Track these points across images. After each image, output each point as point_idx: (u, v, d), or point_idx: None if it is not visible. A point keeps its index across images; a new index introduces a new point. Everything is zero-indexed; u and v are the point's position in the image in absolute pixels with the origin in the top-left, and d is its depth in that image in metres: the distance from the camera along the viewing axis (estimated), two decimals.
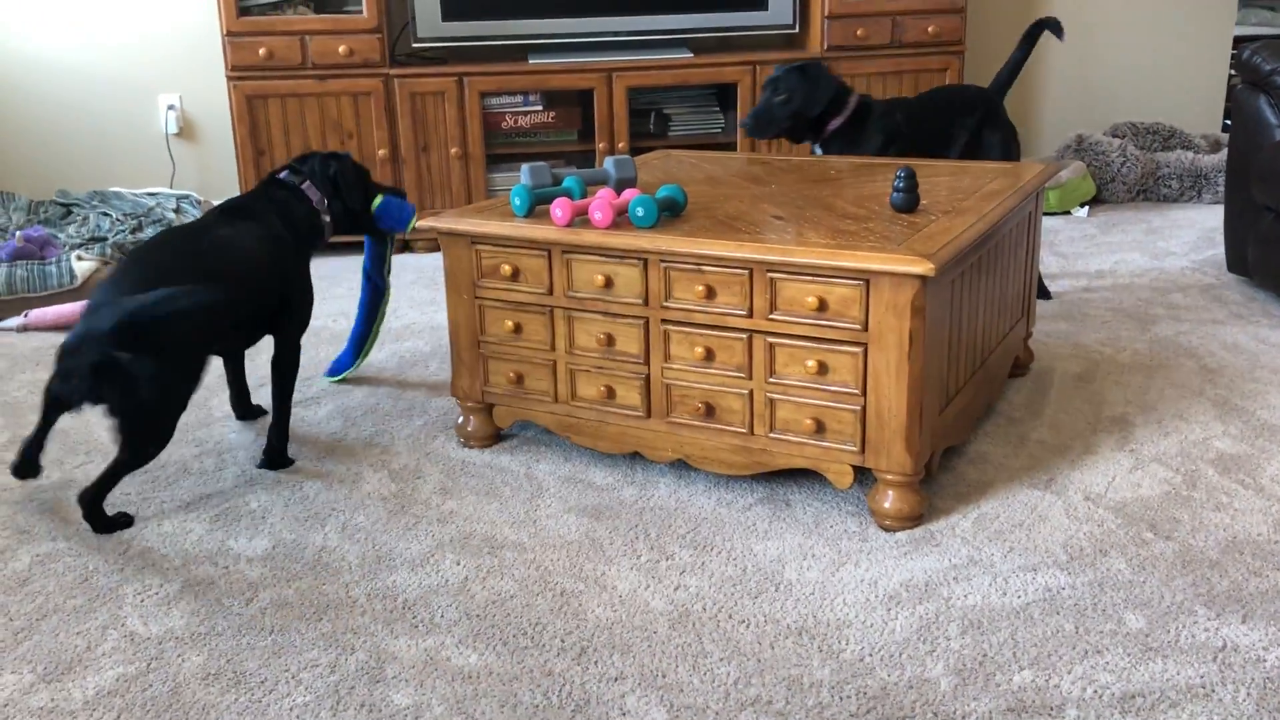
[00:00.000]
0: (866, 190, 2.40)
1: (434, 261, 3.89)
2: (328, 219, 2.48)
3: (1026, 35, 3.28)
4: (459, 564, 1.93)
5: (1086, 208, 4.35)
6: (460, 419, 2.41)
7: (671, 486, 2.19)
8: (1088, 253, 3.81)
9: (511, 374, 2.30)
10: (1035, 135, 4.89)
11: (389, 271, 2.73)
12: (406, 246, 4.07)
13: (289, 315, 2.35)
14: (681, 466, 2.25)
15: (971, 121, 3.14)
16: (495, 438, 2.41)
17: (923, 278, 1.86)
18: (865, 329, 1.93)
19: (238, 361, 2.54)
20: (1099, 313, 3.17)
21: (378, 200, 2.57)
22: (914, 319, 1.89)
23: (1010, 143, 3.19)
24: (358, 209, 2.53)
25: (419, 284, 3.63)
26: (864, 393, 1.96)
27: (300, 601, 1.82)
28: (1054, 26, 3.24)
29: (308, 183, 2.45)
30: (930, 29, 4.15)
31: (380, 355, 2.98)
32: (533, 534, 2.02)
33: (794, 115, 2.92)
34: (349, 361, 2.78)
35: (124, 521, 2.09)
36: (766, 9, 4.12)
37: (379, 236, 2.66)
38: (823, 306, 1.95)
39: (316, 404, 2.65)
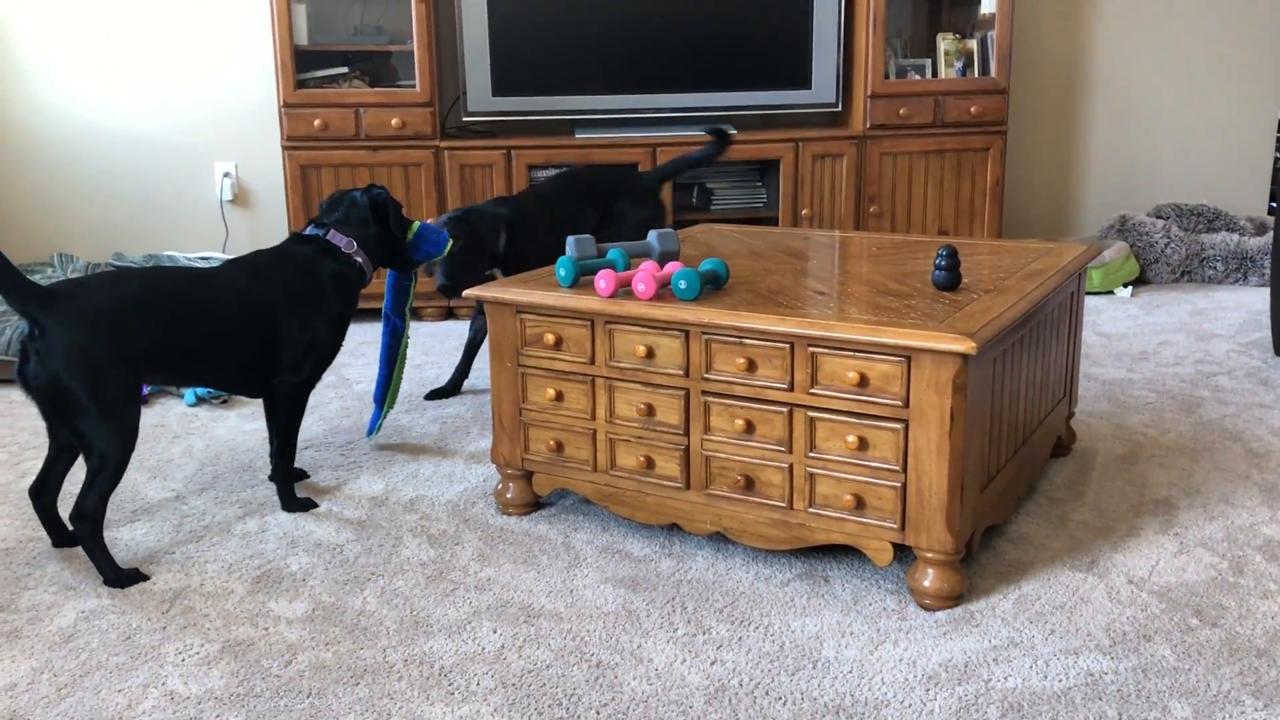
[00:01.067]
0: (909, 268, 2.42)
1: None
2: (360, 259, 2.52)
3: (717, 137, 3.42)
4: (495, 632, 1.93)
5: (1130, 288, 4.34)
6: (500, 485, 2.43)
7: (709, 559, 2.18)
8: (1131, 333, 3.79)
9: (552, 442, 2.32)
10: (1077, 214, 4.90)
11: (409, 311, 2.80)
12: (450, 313, 4.13)
13: (279, 364, 2.40)
14: (720, 539, 2.25)
15: (596, 203, 3.22)
16: (534, 505, 2.42)
17: (964, 355, 1.87)
18: (906, 405, 1.93)
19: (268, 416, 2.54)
20: (1142, 394, 3.15)
21: (414, 227, 2.65)
22: (955, 397, 1.89)
23: (651, 221, 3.27)
24: (399, 234, 2.60)
25: (461, 349, 3.67)
26: (905, 469, 1.96)
27: (338, 665, 1.83)
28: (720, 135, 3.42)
29: (332, 231, 2.51)
30: (973, 109, 4.19)
31: (422, 420, 3.01)
32: (569, 604, 2.02)
33: (477, 253, 2.94)
34: (378, 412, 2.82)
35: (138, 577, 2.14)
36: (810, 87, 4.19)
37: (408, 269, 2.71)
38: (864, 382, 1.96)
39: (358, 468, 2.68)
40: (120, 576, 2.11)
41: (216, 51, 4.30)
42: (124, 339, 2.11)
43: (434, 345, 3.75)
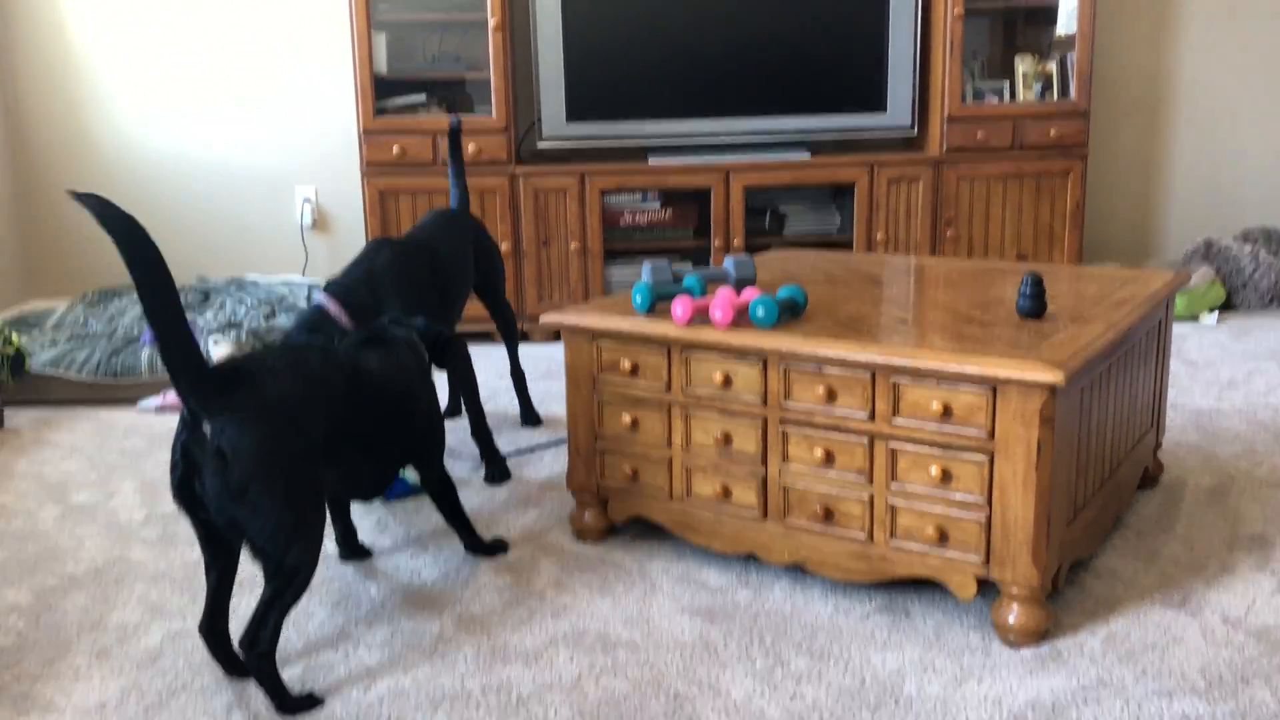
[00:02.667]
0: (991, 294, 2.38)
1: (551, 352, 3.95)
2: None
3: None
4: (572, 660, 1.92)
5: (1216, 314, 4.22)
6: (575, 511, 2.43)
7: (787, 590, 2.16)
8: (1218, 361, 3.69)
9: (628, 469, 2.31)
10: (1160, 238, 4.79)
11: None
12: (524, 336, 4.15)
13: (425, 450, 2.22)
14: (797, 570, 2.22)
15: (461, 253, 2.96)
16: (609, 531, 2.41)
17: (1053, 387, 1.83)
18: (992, 437, 1.90)
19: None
20: (1232, 424, 3.05)
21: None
22: (1043, 428, 1.85)
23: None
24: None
25: (535, 375, 3.69)
26: (989, 502, 1.92)
27: (417, 691, 1.84)
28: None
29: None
30: (1052, 132, 4.13)
31: (499, 443, 3.03)
32: (646, 633, 2.01)
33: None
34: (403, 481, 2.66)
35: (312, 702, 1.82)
36: (885, 111, 4.15)
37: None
38: (947, 413, 1.92)
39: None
40: (295, 704, 1.79)
41: (298, 79, 4.40)
42: (313, 428, 1.82)
43: (508, 368, 3.77)
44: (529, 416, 3.18)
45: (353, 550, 2.34)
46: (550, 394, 3.46)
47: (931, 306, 2.29)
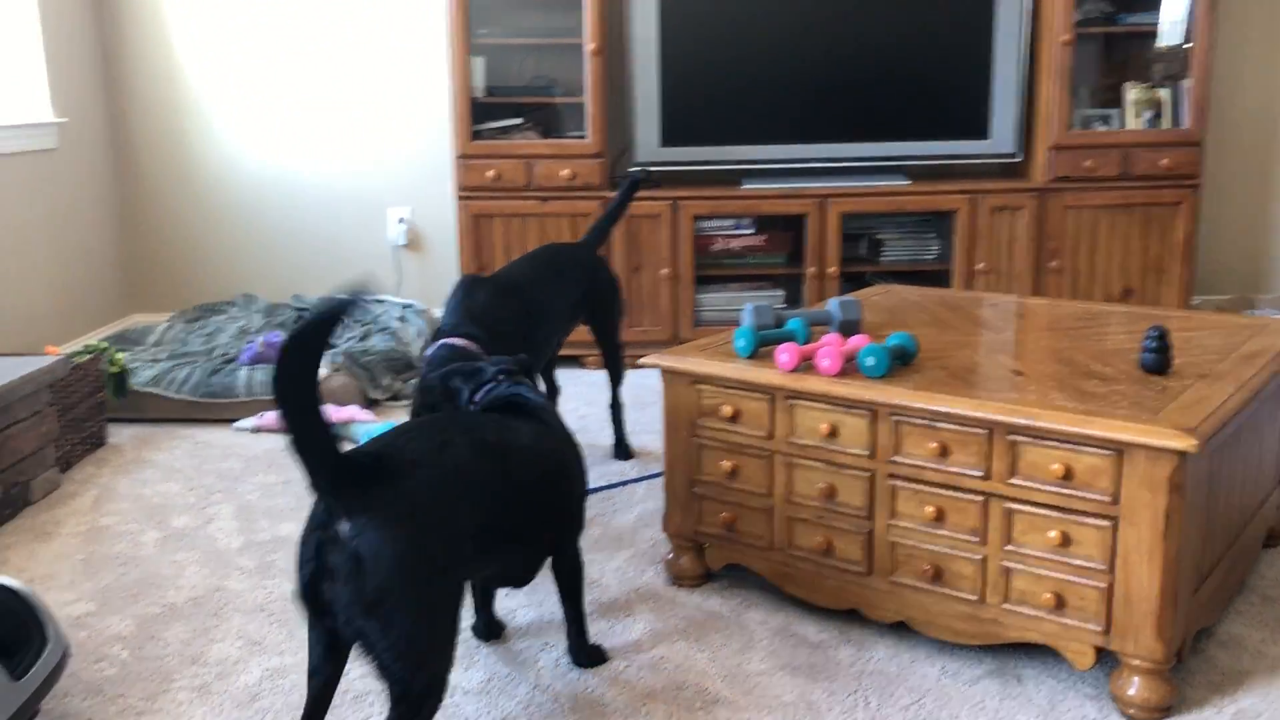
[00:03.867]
0: (1109, 345, 2.28)
1: (639, 379, 3.91)
2: None
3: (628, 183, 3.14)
4: (671, 718, 1.88)
5: None
6: (671, 555, 2.38)
7: (891, 649, 2.09)
8: None
9: (726, 516, 2.26)
10: (1274, 273, 4.59)
11: None
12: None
13: (566, 525, 2.01)
14: (901, 628, 2.14)
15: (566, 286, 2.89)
16: (705, 577, 2.36)
17: (1183, 453, 1.74)
18: (1116, 502, 1.81)
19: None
20: None
21: None
22: (1172, 496, 1.76)
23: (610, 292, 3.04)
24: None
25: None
26: (1111, 570, 1.83)
27: None
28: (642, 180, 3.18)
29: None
30: (1163, 162, 3.98)
31: (590, 478, 2.99)
32: (745, 691, 1.96)
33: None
34: None
35: None
36: (988, 138, 4.05)
37: None
38: (1069, 475, 1.84)
39: None
40: None
41: (395, 101, 4.43)
42: (462, 529, 1.64)
43: (598, 395, 3.74)
44: (623, 451, 3.14)
45: (492, 632, 2.16)
46: (639, 423, 3.42)
47: (1047, 357, 2.20)
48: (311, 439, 1.48)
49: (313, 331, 1.45)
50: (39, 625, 1.82)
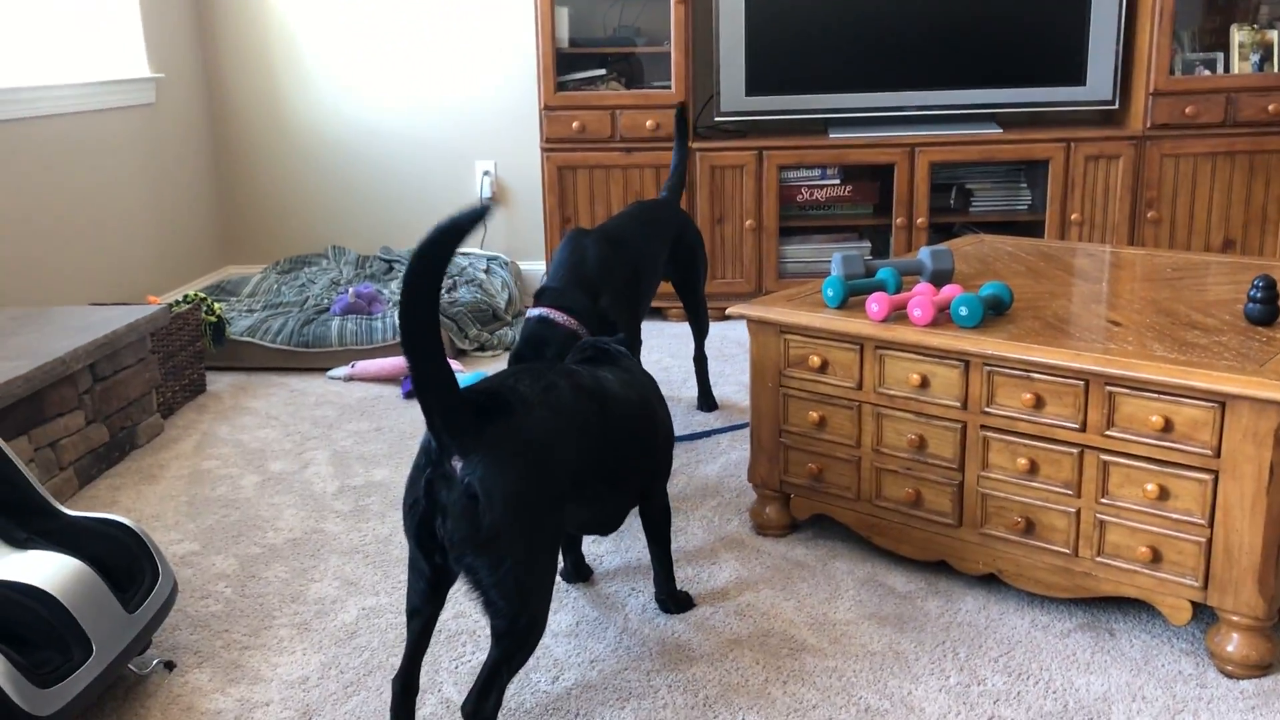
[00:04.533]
0: (1212, 295, 2.22)
1: (721, 330, 3.91)
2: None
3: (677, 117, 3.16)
4: (758, 664, 1.89)
5: None
6: (756, 504, 2.39)
7: (980, 601, 2.07)
8: None
9: (813, 466, 2.26)
10: None
11: None
12: None
13: (655, 472, 2.03)
14: (990, 580, 2.13)
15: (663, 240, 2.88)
16: (791, 527, 2.37)
17: None
18: (1217, 455, 1.76)
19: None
20: None
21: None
22: (1277, 450, 1.71)
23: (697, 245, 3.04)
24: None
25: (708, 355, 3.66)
26: (1211, 524, 1.79)
27: (604, 685, 1.85)
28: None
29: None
30: (1270, 107, 3.82)
31: (676, 429, 3.01)
32: (833, 639, 1.96)
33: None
34: None
35: None
36: (1084, 84, 3.93)
37: None
38: (1168, 427, 1.80)
39: None
40: None
41: (480, 53, 4.45)
42: (566, 467, 1.66)
43: (680, 347, 3.75)
44: (707, 402, 3.15)
45: (580, 575, 2.20)
46: (722, 376, 3.42)
47: (1146, 307, 2.15)
48: (431, 379, 1.50)
49: (439, 243, 1.43)
50: (150, 561, 1.90)
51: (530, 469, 1.58)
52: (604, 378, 1.88)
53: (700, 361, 3.16)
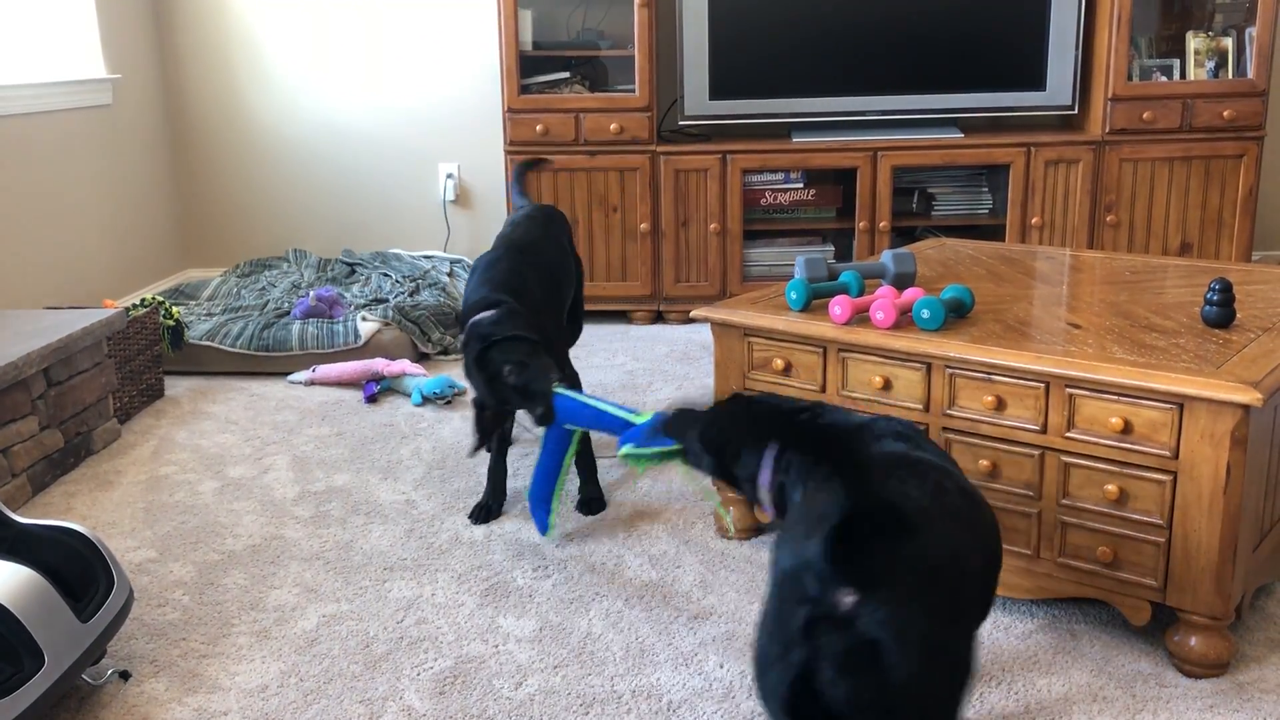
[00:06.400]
0: (1169, 298, 2.24)
1: (685, 334, 3.91)
2: None
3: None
4: (722, 667, 1.89)
5: None
6: (719, 507, 2.39)
7: None
8: None
9: None
10: None
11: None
12: (660, 317, 4.12)
13: None
14: None
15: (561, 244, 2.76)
16: (756, 530, 2.37)
17: (1246, 407, 1.71)
18: (1175, 457, 1.78)
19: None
20: None
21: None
22: (1234, 450, 1.73)
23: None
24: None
25: (671, 357, 3.66)
26: (1169, 525, 1.81)
27: (567, 691, 1.83)
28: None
29: None
30: (1225, 113, 3.88)
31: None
32: None
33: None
34: (545, 512, 2.36)
35: None
36: (1044, 89, 3.96)
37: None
38: (1127, 429, 1.82)
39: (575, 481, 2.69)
40: None
41: (443, 55, 4.42)
42: (973, 600, 1.35)
43: (644, 350, 3.75)
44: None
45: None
46: (685, 379, 3.42)
47: (1105, 310, 2.17)
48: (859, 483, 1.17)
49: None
50: (105, 569, 1.87)
51: (943, 604, 1.23)
52: (955, 471, 1.50)
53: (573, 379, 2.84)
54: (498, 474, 2.52)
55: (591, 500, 2.53)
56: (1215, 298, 2.02)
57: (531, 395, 2.22)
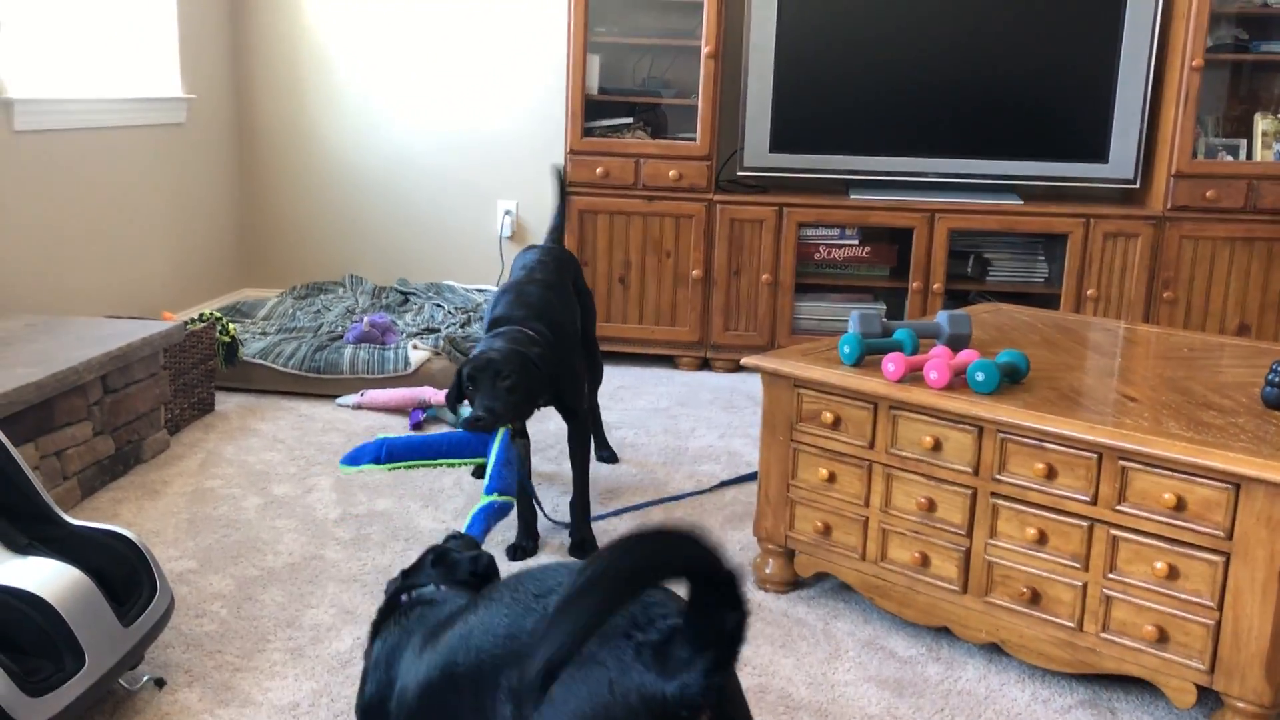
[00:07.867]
0: (1228, 377, 2.21)
1: (731, 382, 3.91)
2: None
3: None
4: None
5: None
6: (759, 559, 2.38)
7: (980, 670, 2.05)
8: None
9: (819, 523, 2.25)
10: None
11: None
12: (706, 364, 4.13)
13: None
14: (993, 649, 2.10)
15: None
16: (793, 584, 2.35)
17: None
18: (1229, 537, 1.75)
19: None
20: None
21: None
22: None
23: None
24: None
25: (715, 404, 3.66)
26: (1220, 607, 1.77)
27: None
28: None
29: None
30: None
31: (677, 476, 3.00)
32: (830, 699, 1.94)
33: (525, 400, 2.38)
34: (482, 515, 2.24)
35: None
36: (1106, 161, 3.95)
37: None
38: (1180, 506, 1.79)
39: (615, 519, 2.69)
40: None
41: (510, 94, 4.50)
42: None
43: (689, 395, 3.75)
44: (606, 452, 3.10)
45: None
46: (729, 427, 3.42)
47: (1161, 384, 2.14)
48: None
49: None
50: (149, 575, 1.89)
51: None
52: None
53: (594, 410, 3.04)
54: (528, 517, 2.53)
55: (585, 542, 2.51)
56: (1277, 379, 1.99)
57: (483, 406, 2.29)
